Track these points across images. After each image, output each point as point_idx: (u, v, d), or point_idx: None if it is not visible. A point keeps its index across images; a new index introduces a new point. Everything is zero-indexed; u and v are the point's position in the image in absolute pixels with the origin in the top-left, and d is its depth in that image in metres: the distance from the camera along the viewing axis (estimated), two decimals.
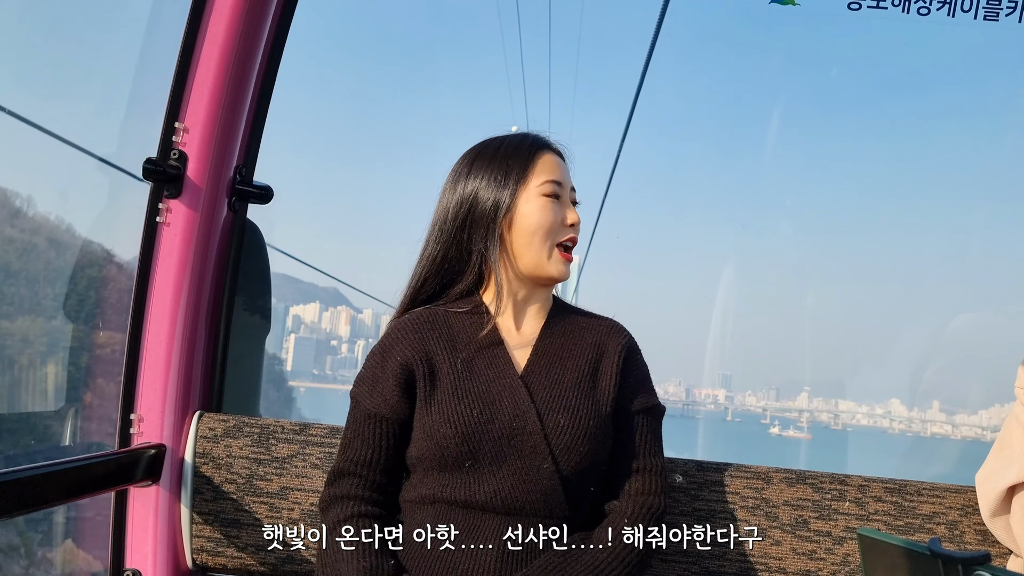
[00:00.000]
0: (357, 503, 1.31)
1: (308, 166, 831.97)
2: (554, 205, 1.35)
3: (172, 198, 1.67)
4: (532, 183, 1.34)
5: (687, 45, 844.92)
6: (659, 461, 1.37)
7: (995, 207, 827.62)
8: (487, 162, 1.36)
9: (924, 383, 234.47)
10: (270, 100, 1.78)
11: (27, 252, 3.42)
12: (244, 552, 1.64)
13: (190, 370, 1.72)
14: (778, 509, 1.57)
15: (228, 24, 1.65)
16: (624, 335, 1.42)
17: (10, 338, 3.06)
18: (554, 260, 1.35)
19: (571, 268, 1.38)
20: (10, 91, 2.97)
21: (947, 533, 1.55)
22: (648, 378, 1.42)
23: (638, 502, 1.33)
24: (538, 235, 1.34)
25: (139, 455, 1.62)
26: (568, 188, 1.38)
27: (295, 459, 1.65)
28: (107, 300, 2.44)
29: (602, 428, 1.32)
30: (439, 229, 1.38)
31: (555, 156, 1.39)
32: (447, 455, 1.27)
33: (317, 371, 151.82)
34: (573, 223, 1.37)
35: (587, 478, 1.32)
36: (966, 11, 1.59)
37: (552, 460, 1.27)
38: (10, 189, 3.49)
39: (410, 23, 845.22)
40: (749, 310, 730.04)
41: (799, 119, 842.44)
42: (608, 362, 1.37)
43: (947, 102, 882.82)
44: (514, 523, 1.27)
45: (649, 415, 1.39)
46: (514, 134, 1.41)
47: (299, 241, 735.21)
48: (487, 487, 1.27)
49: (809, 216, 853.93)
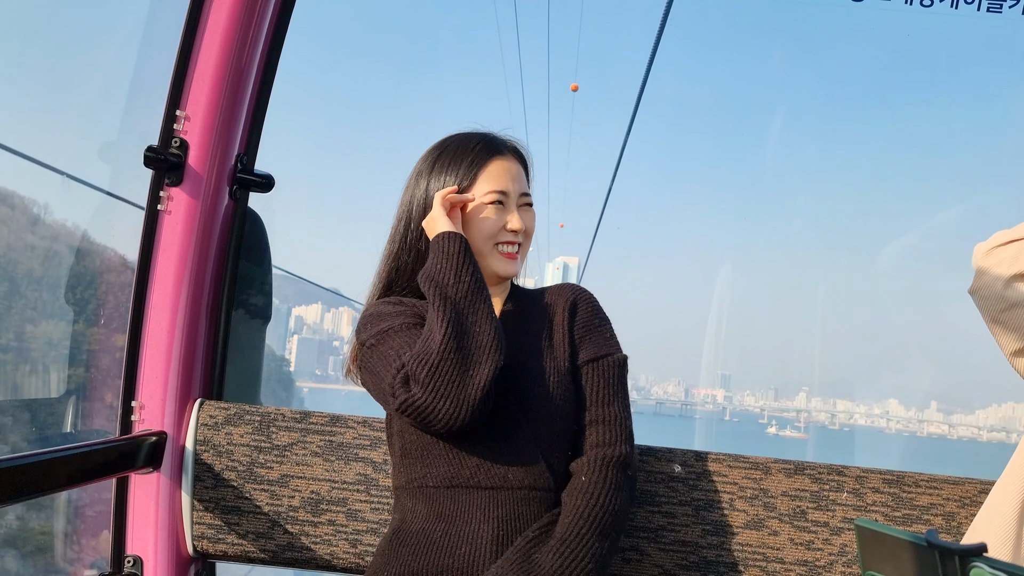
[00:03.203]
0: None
1: (309, 156, 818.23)
2: (496, 212, 1.39)
3: (173, 186, 1.68)
4: (476, 191, 1.39)
5: (690, 34, 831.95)
6: (616, 410, 1.38)
7: (997, 202, 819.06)
8: (444, 164, 1.41)
9: (923, 383, 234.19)
10: (272, 88, 1.78)
11: (49, 258, 3.43)
12: (245, 539, 1.65)
13: (191, 358, 1.73)
14: (776, 499, 1.58)
15: (229, 11, 1.65)
16: (571, 291, 1.46)
17: (34, 341, 3.07)
18: (496, 260, 1.41)
19: (517, 265, 1.43)
20: (11, 81, 2.97)
21: (944, 524, 1.56)
22: (601, 328, 1.44)
23: (593, 456, 1.33)
24: (478, 239, 1.39)
25: (140, 442, 1.63)
26: (516, 194, 1.42)
27: (296, 447, 1.65)
28: (108, 289, 2.44)
29: (562, 381, 1.36)
30: (399, 225, 1.43)
31: (506, 161, 1.42)
32: (425, 433, 1.29)
33: (320, 371, 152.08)
34: (514, 229, 1.40)
35: (559, 441, 1.34)
36: (969, 3, 1.59)
37: (527, 425, 1.31)
38: (28, 197, 3.50)
39: (412, 13, 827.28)
40: (748, 310, 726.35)
41: (802, 111, 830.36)
42: (557, 320, 1.42)
43: (951, 94, 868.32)
44: (501, 501, 1.29)
45: (600, 363, 1.40)
46: (472, 135, 1.44)
47: (298, 239, 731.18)
48: (470, 462, 1.29)
49: (810, 215, 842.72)
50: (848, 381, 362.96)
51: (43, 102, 2.41)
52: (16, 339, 3.14)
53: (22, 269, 3.42)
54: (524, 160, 1.47)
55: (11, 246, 3.43)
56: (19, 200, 3.48)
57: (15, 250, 3.44)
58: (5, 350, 3.10)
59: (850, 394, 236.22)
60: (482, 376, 1.22)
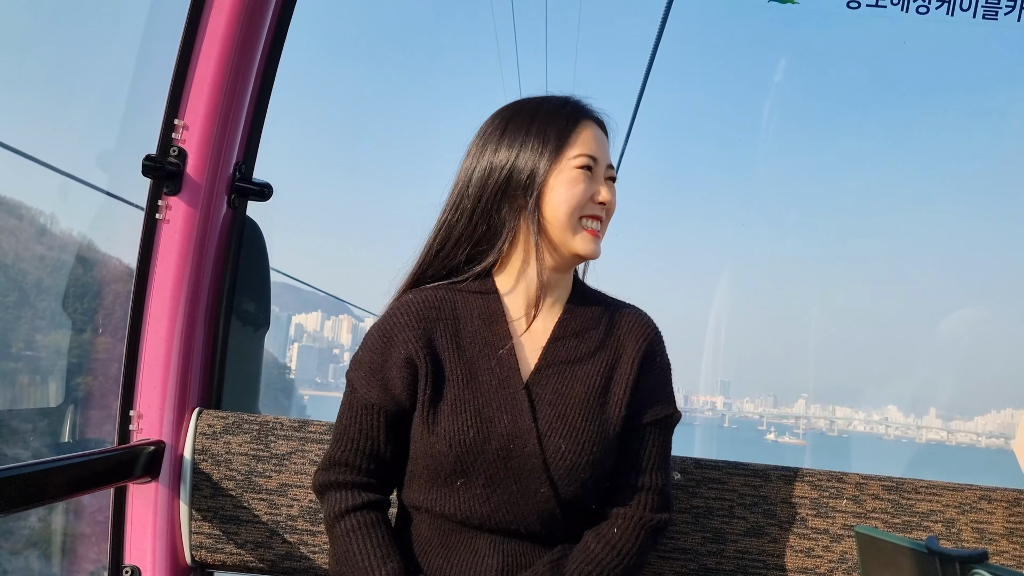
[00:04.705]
0: (356, 491, 1.27)
1: (306, 165, 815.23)
2: (586, 178, 1.25)
3: (171, 195, 1.68)
4: (567, 155, 1.24)
5: (686, 44, 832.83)
6: (661, 478, 1.29)
7: (995, 208, 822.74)
8: (523, 128, 1.26)
9: (922, 390, 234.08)
10: (270, 96, 1.78)
11: (57, 269, 3.44)
12: (243, 549, 1.64)
13: (189, 367, 1.72)
14: (776, 507, 1.58)
15: (227, 20, 1.66)
16: (645, 331, 1.32)
17: (44, 350, 3.08)
18: (580, 237, 1.25)
19: (599, 245, 1.28)
20: (10, 90, 2.98)
21: (944, 531, 1.56)
22: (666, 381, 1.33)
23: (636, 517, 1.26)
24: (562, 209, 1.24)
25: (138, 452, 1.62)
26: (604, 164, 1.28)
27: (294, 456, 1.65)
28: (105, 297, 2.44)
29: (607, 451, 1.25)
30: (460, 195, 1.28)
31: (595, 128, 1.29)
32: (440, 471, 1.22)
33: (320, 379, 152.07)
34: (603, 201, 1.26)
35: (587, 498, 1.25)
36: (965, 10, 1.60)
37: (551, 485, 1.21)
38: (35, 208, 3.52)
39: (410, 23, 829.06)
40: (748, 316, 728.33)
41: (798, 118, 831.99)
42: (623, 369, 1.28)
43: (947, 101, 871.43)
44: (510, 540, 1.23)
45: (659, 427, 1.30)
46: (553, 97, 1.30)
47: (297, 244, 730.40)
48: (483, 508, 1.22)
49: (808, 221, 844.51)
50: (847, 388, 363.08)
51: (43, 110, 2.41)
52: (26, 347, 3.15)
53: (31, 279, 3.43)
54: (607, 134, 1.32)
55: (19, 256, 3.44)
56: (27, 211, 3.49)
57: (24, 260, 3.45)
58: (16, 359, 3.11)
59: (849, 401, 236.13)
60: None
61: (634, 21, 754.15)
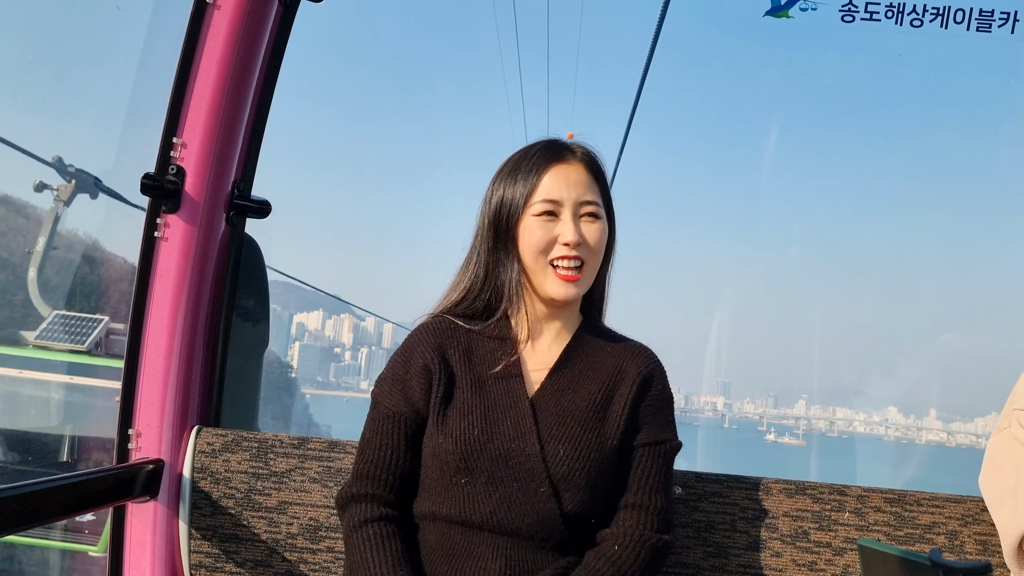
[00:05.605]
0: (376, 504, 1.31)
1: (306, 181, 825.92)
2: (543, 224, 1.29)
3: (170, 213, 1.67)
4: (531, 202, 1.31)
5: (682, 59, 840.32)
6: (660, 499, 1.32)
7: (990, 217, 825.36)
8: (506, 175, 1.35)
9: (922, 391, 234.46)
10: (268, 115, 1.78)
11: (64, 268, 3.46)
12: (242, 567, 1.63)
13: (188, 385, 1.72)
14: (778, 520, 1.57)
15: (225, 40, 1.66)
16: (646, 361, 1.36)
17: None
18: (550, 280, 1.30)
19: (576, 288, 1.30)
20: (7, 108, 2.99)
21: (947, 543, 1.55)
22: (665, 409, 1.36)
23: (636, 536, 1.28)
24: (527, 255, 1.31)
25: (137, 470, 1.62)
26: (573, 204, 1.30)
27: (294, 473, 1.64)
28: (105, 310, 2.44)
29: (605, 463, 1.29)
30: (478, 240, 1.37)
31: (567, 167, 1.32)
32: (446, 470, 1.28)
33: (321, 378, 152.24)
34: (566, 242, 1.28)
35: (589, 509, 1.28)
36: (959, 23, 1.60)
37: (550, 484, 1.26)
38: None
39: (408, 39, 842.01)
40: (748, 318, 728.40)
41: (795, 131, 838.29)
42: (624, 390, 1.33)
43: (943, 113, 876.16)
44: (512, 544, 1.25)
45: (655, 449, 1.33)
46: (537, 143, 1.37)
47: (298, 250, 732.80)
48: (484, 507, 1.26)
49: (808, 226, 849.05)
50: (847, 389, 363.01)
51: (41, 127, 2.42)
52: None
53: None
54: (595, 166, 1.35)
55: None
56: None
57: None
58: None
59: (849, 402, 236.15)
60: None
61: (631, 35, 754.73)
